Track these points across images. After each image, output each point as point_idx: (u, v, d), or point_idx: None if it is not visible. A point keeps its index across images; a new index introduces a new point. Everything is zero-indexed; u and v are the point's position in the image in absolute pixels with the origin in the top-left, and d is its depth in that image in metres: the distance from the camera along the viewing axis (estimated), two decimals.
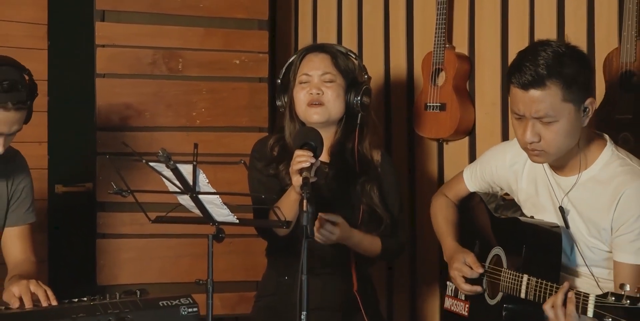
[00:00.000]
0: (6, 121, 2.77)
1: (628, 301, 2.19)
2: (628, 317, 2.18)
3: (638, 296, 2.17)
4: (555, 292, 2.49)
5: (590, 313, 2.30)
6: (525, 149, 2.68)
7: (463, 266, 2.93)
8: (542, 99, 2.56)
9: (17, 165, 3.09)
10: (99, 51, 3.79)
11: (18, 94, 2.76)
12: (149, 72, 3.84)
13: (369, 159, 3.28)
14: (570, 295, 2.39)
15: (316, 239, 2.97)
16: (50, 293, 2.74)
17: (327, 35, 4.20)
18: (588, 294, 2.33)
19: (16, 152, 3.10)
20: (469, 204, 3.15)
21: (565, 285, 2.43)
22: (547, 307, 2.44)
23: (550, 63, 2.55)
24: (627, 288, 2.21)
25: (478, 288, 2.91)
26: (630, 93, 3.04)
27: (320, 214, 2.90)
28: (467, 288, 2.94)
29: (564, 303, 2.39)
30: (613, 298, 2.23)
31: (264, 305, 3.34)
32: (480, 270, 2.90)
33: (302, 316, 2.66)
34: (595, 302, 2.28)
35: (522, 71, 2.57)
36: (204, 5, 3.89)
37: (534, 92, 2.56)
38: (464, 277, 2.93)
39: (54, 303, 2.72)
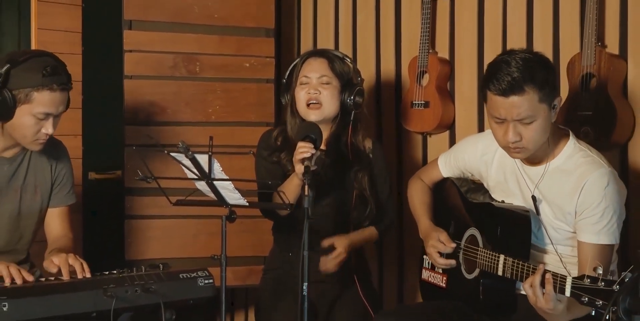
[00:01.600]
0: (54, 101, 2.78)
1: (603, 283, 2.18)
2: (602, 297, 2.17)
3: (610, 278, 2.17)
4: (532, 272, 2.48)
5: (567, 293, 2.29)
6: (506, 147, 2.67)
7: (437, 243, 2.93)
8: (522, 103, 2.54)
9: (60, 153, 3.10)
10: (127, 56, 3.78)
11: (60, 77, 2.78)
12: (170, 74, 3.83)
13: (361, 150, 3.29)
14: (548, 276, 2.38)
15: (325, 269, 3.10)
16: (85, 266, 2.74)
17: (325, 42, 4.20)
18: (565, 276, 2.32)
19: (59, 142, 3.12)
20: (442, 188, 3.15)
21: (541, 266, 2.42)
22: (526, 286, 2.43)
23: (523, 69, 2.53)
24: (600, 271, 2.20)
25: (452, 262, 2.92)
26: (590, 92, 3.03)
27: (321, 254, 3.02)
28: (442, 262, 2.94)
29: (542, 283, 2.38)
30: (589, 280, 2.22)
31: (270, 277, 3.35)
32: (453, 245, 2.90)
33: (304, 287, 2.67)
34: (572, 283, 2.28)
35: (499, 79, 2.54)
36: (219, 15, 3.89)
37: (514, 98, 2.54)
38: (438, 252, 2.94)
39: (88, 275, 2.72)
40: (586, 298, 2.22)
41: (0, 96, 2.74)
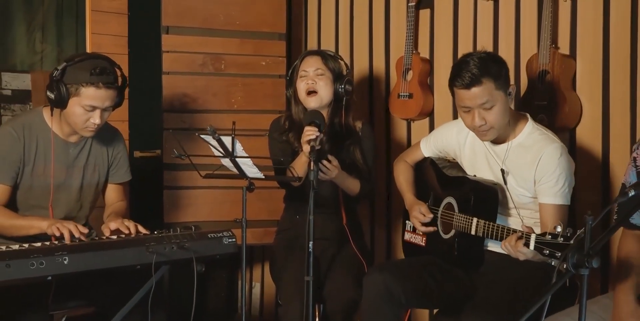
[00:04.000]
0: (99, 96, 2.77)
1: (562, 239, 2.19)
2: (559, 249, 2.18)
3: (569, 235, 2.17)
4: (500, 230, 2.52)
5: (531, 247, 2.30)
6: (474, 131, 2.70)
7: (419, 214, 2.95)
8: (482, 92, 2.58)
9: (116, 140, 3.11)
10: (165, 55, 3.76)
11: (107, 77, 2.76)
12: (200, 70, 3.81)
13: (352, 129, 3.29)
14: (510, 240, 2.40)
15: (322, 177, 2.97)
16: (140, 226, 2.78)
17: (327, 44, 4.17)
18: (530, 234, 2.32)
19: (116, 130, 3.13)
20: (424, 166, 3.14)
21: (514, 235, 2.42)
22: (505, 245, 2.44)
23: (479, 66, 2.57)
24: (559, 229, 2.20)
25: (431, 229, 2.92)
26: (545, 86, 3.02)
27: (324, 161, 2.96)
28: (423, 229, 2.96)
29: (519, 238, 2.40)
30: (550, 237, 2.23)
31: (282, 237, 3.35)
32: (431, 216, 2.92)
33: (310, 244, 2.67)
34: (536, 239, 2.28)
35: (462, 76, 2.59)
36: (240, 22, 3.87)
37: (475, 89, 2.57)
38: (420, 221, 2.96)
39: (145, 231, 2.76)
40: (547, 251, 2.22)
41: (57, 88, 2.75)
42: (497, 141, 2.76)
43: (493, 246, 2.76)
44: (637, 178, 2.28)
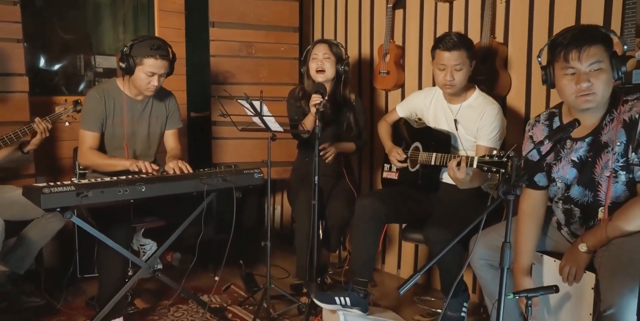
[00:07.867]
0: (157, 65, 2.76)
1: (496, 158, 2.19)
2: (495, 165, 2.18)
3: (502, 155, 2.17)
4: (450, 159, 2.50)
5: (475, 165, 2.30)
6: (444, 86, 2.67)
7: (396, 154, 2.93)
8: (458, 56, 2.57)
9: (170, 98, 3.09)
10: (212, 43, 3.72)
11: (162, 51, 2.76)
12: (237, 54, 3.77)
13: (348, 99, 3.26)
14: (462, 160, 2.37)
15: (328, 159, 3.04)
16: (188, 166, 2.76)
17: (328, 35, 4.11)
18: (473, 156, 2.32)
19: (170, 92, 3.11)
20: (400, 124, 3.11)
21: (457, 158, 2.41)
22: (451, 165, 2.42)
23: (459, 37, 2.57)
24: (494, 152, 2.21)
25: (404, 165, 2.91)
26: (485, 65, 2.97)
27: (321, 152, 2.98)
28: (399, 165, 2.94)
29: (458, 165, 2.38)
30: (487, 158, 2.22)
31: (295, 173, 3.35)
32: (404, 156, 2.90)
33: (315, 178, 2.67)
34: (478, 160, 2.27)
35: (446, 41, 2.57)
36: (265, 19, 3.81)
37: (454, 52, 2.56)
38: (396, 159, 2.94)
39: (191, 171, 2.75)
40: (486, 167, 2.22)
41: (127, 60, 2.75)
42: (454, 102, 2.75)
43: (446, 179, 2.77)
44: (538, 152, 2.10)
